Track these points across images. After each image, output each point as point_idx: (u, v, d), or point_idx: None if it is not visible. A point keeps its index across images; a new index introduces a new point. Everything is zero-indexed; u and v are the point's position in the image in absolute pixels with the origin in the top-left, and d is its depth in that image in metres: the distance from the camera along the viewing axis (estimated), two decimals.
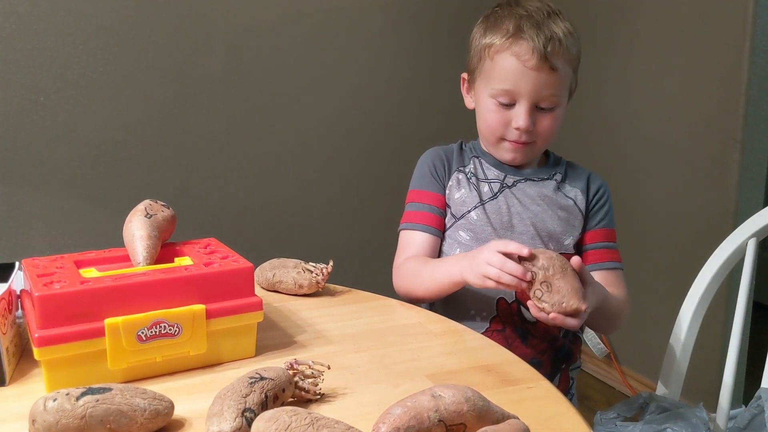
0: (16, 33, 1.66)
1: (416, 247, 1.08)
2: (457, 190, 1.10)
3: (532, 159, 1.11)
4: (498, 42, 1.02)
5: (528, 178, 1.10)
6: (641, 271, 2.08)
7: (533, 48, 0.99)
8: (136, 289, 0.75)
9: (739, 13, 1.70)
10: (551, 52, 0.99)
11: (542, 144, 1.08)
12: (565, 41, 1.01)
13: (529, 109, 1.02)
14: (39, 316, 0.71)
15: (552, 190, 1.09)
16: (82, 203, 1.78)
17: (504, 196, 1.09)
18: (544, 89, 1.01)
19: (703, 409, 0.95)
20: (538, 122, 1.04)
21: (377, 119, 2.11)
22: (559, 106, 1.05)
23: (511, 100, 1.03)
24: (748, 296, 1.08)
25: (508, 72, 1.01)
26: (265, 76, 1.94)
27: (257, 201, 1.99)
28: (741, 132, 1.73)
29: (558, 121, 1.06)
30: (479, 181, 1.11)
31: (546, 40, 0.99)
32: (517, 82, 1.01)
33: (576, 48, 1.04)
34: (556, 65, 1.00)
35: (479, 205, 1.08)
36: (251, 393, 0.64)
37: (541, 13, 1.02)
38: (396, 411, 0.59)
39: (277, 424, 0.56)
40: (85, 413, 0.60)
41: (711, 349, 1.83)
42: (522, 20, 1.01)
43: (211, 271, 0.79)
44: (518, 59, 1.00)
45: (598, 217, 1.10)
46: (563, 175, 1.11)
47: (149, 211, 0.88)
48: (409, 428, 0.58)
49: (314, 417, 0.58)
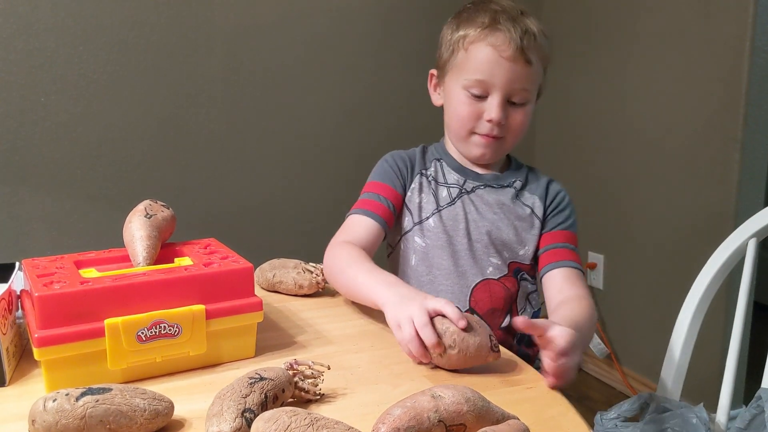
0: (16, 33, 1.66)
1: (357, 230, 1.05)
2: (417, 194, 1.10)
3: (499, 157, 1.10)
4: (473, 33, 1.02)
5: (487, 184, 1.09)
6: (642, 271, 2.08)
7: (510, 39, 0.99)
8: (136, 290, 0.75)
9: (740, 13, 1.70)
10: (527, 45, 0.99)
11: (512, 141, 1.07)
12: (539, 37, 1.02)
13: (502, 101, 1.02)
14: (39, 317, 0.71)
15: (510, 198, 1.09)
16: (82, 203, 1.78)
17: (462, 202, 1.08)
18: (518, 82, 1.01)
19: (703, 410, 0.95)
20: (510, 117, 1.03)
21: (378, 119, 2.11)
22: (530, 103, 1.05)
23: (483, 92, 1.02)
24: (748, 296, 1.07)
25: (483, 62, 1.01)
26: (265, 77, 1.94)
27: (257, 201, 1.99)
28: (741, 132, 1.73)
29: (527, 118, 1.05)
30: (438, 185, 1.10)
31: (522, 32, 1.00)
32: (492, 72, 1.00)
33: (548, 47, 1.04)
34: (531, 59, 1.00)
35: (436, 211, 1.08)
36: (251, 393, 0.64)
37: (515, 10, 1.03)
38: (396, 411, 0.59)
39: (276, 425, 0.56)
40: (84, 413, 0.60)
41: (711, 350, 1.83)
42: (497, 14, 1.02)
43: (211, 271, 0.79)
44: (494, 49, 1.00)
45: (557, 221, 1.09)
46: (523, 182, 1.11)
47: (149, 212, 0.88)
48: (408, 428, 0.58)
49: (314, 417, 0.58)
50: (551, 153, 2.36)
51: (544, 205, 1.09)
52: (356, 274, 0.94)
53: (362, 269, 0.94)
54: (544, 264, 1.06)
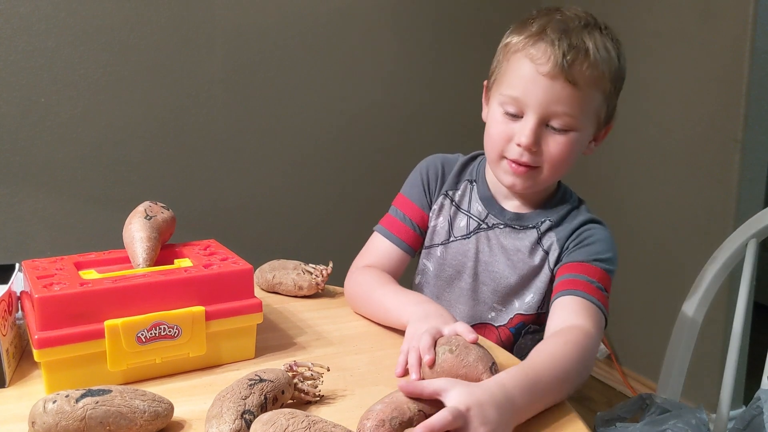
0: (17, 34, 1.66)
1: (380, 256, 1.01)
2: (435, 217, 1.03)
3: (534, 189, 0.95)
4: (517, 41, 0.89)
5: (508, 224, 0.97)
6: (642, 271, 2.08)
7: (551, 53, 0.85)
8: (135, 291, 0.75)
9: (740, 13, 1.70)
10: (571, 61, 0.85)
11: (550, 173, 0.91)
12: (594, 55, 0.86)
13: (536, 124, 0.88)
14: (39, 318, 0.71)
15: (530, 243, 0.96)
16: (83, 204, 1.78)
17: (476, 239, 0.99)
18: (557, 104, 0.86)
19: (703, 410, 0.95)
20: (545, 143, 0.89)
21: (379, 120, 2.11)
22: (575, 131, 0.88)
23: (518, 111, 0.89)
24: (748, 297, 1.07)
25: (520, 76, 0.88)
26: (266, 77, 1.94)
27: (258, 202, 1.99)
28: (741, 132, 1.73)
29: (571, 149, 0.89)
30: (459, 211, 1.01)
31: (569, 46, 0.85)
32: (527, 89, 0.87)
33: (609, 69, 0.88)
34: (576, 79, 0.85)
35: (446, 242, 1.01)
36: (250, 395, 0.64)
37: (577, 21, 0.89)
38: (377, 407, 0.62)
39: (274, 427, 0.57)
40: (84, 415, 0.60)
41: (711, 350, 1.83)
42: (551, 23, 0.88)
43: (211, 272, 0.79)
44: (532, 62, 0.87)
45: (574, 255, 0.92)
46: (554, 222, 0.95)
47: (149, 213, 0.88)
48: (393, 419, 0.61)
49: (312, 420, 0.58)
50: None
51: (561, 247, 0.94)
52: (383, 296, 0.91)
53: (388, 291, 0.92)
54: (554, 293, 0.89)
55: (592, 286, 0.87)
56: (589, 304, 0.85)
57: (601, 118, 0.92)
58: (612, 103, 0.93)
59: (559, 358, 0.74)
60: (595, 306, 0.85)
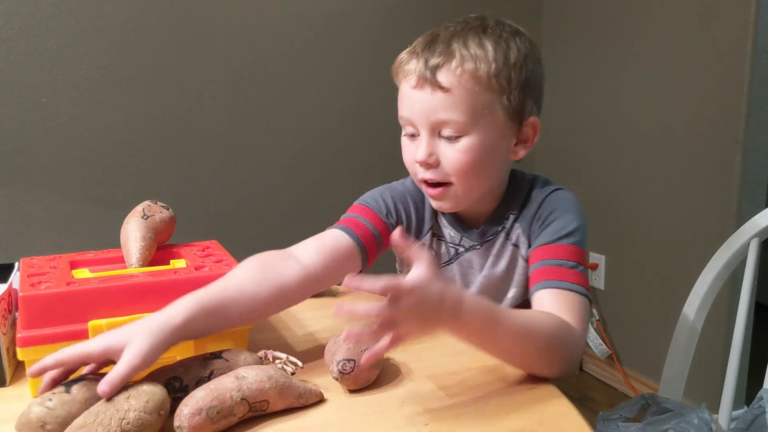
0: (18, 34, 1.66)
1: (319, 242, 0.89)
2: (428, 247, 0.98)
3: (465, 205, 0.91)
4: (396, 63, 0.91)
5: (474, 245, 0.95)
6: (643, 271, 2.07)
7: (414, 65, 0.85)
8: (121, 292, 0.74)
9: (741, 13, 1.69)
10: (434, 68, 0.83)
11: (463, 185, 0.87)
12: (462, 57, 0.83)
13: (428, 137, 0.85)
14: (23, 317, 0.71)
15: (498, 247, 0.94)
16: (84, 204, 1.78)
17: (458, 264, 0.97)
18: (436, 113, 0.84)
19: (705, 410, 0.95)
20: (443, 156, 0.86)
21: (379, 120, 2.11)
22: (468, 135, 0.84)
23: (415, 130, 0.87)
24: (750, 297, 1.07)
25: (402, 96, 0.88)
26: (267, 77, 1.94)
27: (261, 202, 1.99)
28: (743, 132, 1.73)
29: (471, 155, 0.85)
30: (440, 240, 0.97)
31: (432, 53, 0.84)
32: (409, 107, 0.86)
33: (488, 66, 0.83)
34: (444, 84, 0.83)
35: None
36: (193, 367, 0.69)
37: (452, 28, 0.87)
38: (199, 394, 0.63)
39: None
40: (85, 397, 0.62)
41: (713, 350, 1.82)
42: (423, 37, 0.88)
43: (201, 275, 0.78)
44: (405, 80, 0.87)
45: (540, 239, 0.89)
46: (516, 214, 0.93)
47: (147, 212, 0.88)
48: (211, 408, 0.62)
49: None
50: (552, 154, 2.35)
51: (528, 236, 0.92)
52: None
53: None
54: (530, 286, 0.87)
55: (564, 270, 0.84)
56: (567, 295, 0.82)
57: (503, 117, 0.86)
58: (515, 98, 0.85)
59: (534, 322, 0.75)
60: (574, 293, 0.82)
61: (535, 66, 0.88)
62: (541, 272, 0.85)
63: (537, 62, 0.89)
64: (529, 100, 0.88)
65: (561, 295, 0.82)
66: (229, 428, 0.65)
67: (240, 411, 0.64)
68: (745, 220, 1.10)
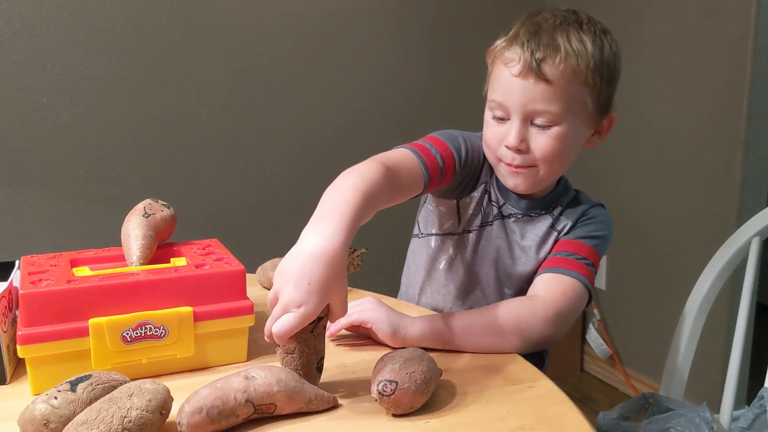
0: (18, 34, 1.66)
1: (395, 159, 0.91)
2: (470, 203, 1.01)
3: (539, 188, 0.97)
4: (494, 47, 0.93)
5: (526, 213, 0.99)
6: (644, 271, 2.07)
7: (520, 54, 0.88)
8: (121, 290, 0.74)
9: (742, 12, 1.69)
10: (540, 60, 0.86)
11: (546, 169, 0.92)
12: (566, 51, 0.87)
13: (520, 125, 0.90)
14: (23, 314, 0.71)
15: (546, 228, 0.99)
16: (85, 204, 1.78)
17: (496, 226, 1.00)
18: (534, 103, 0.88)
19: (706, 409, 0.95)
20: (534, 142, 0.90)
21: (380, 120, 2.11)
22: (559, 125, 0.89)
23: (505, 114, 0.91)
24: (751, 296, 1.07)
25: (499, 81, 0.91)
26: (267, 77, 1.94)
27: (262, 200, 1.99)
28: (744, 132, 1.73)
29: (560, 143, 0.90)
30: (489, 200, 1.01)
31: (539, 45, 0.87)
32: (506, 93, 0.90)
33: (586, 62, 0.88)
34: (548, 76, 0.87)
35: (478, 227, 1.00)
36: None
37: (552, 20, 0.90)
38: (203, 392, 0.62)
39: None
40: (90, 397, 0.62)
41: (714, 350, 1.82)
42: (524, 26, 0.91)
43: (201, 273, 0.78)
44: (506, 66, 0.89)
45: (570, 234, 0.97)
46: (564, 207, 1.00)
47: (147, 211, 0.88)
48: (212, 408, 0.61)
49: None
50: None
51: (570, 228, 0.99)
52: (341, 186, 0.90)
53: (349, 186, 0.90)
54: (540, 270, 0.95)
55: (571, 260, 0.92)
56: (560, 278, 0.90)
57: (591, 110, 0.92)
58: (603, 93, 0.92)
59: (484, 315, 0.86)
60: (570, 277, 0.90)
61: (619, 63, 0.95)
62: (552, 260, 0.94)
63: (620, 60, 0.96)
64: (613, 95, 0.95)
65: (555, 278, 0.91)
66: (230, 428, 0.64)
67: (244, 412, 0.63)
68: (746, 219, 1.10)
